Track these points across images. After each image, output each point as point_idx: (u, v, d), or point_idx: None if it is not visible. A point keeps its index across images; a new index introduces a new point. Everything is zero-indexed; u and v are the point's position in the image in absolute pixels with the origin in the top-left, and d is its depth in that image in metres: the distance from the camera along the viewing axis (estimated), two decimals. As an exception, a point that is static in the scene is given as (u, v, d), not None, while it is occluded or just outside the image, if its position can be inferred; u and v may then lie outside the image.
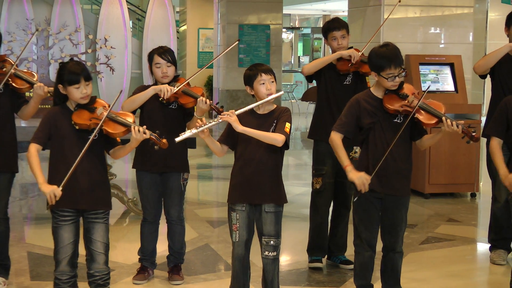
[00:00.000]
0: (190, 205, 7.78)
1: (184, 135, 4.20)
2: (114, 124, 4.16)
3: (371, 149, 4.38)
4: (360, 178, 4.29)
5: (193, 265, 5.65)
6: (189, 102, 4.98)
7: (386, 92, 4.38)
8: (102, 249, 4.26)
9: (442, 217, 7.41)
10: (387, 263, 4.54)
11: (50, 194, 3.98)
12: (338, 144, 4.41)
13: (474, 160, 8.29)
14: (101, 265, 4.27)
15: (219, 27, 14.12)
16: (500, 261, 5.77)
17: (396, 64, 4.28)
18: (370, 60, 4.41)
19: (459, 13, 9.00)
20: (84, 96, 4.14)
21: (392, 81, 4.30)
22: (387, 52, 4.33)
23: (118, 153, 4.29)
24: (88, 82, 4.15)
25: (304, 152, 12.29)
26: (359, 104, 4.40)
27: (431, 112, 4.33)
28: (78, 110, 4.16)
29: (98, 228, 4.25)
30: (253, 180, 4.25)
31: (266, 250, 4.31)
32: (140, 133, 4.14)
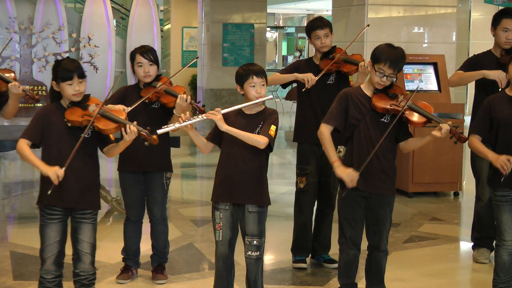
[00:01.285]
0: (174, 204, 7.77)
1: (167, 127, 4.22)
2: (105, 121, 4.15)
3: (356, 148, 4.39)
4: (348, 174, 4.29)
5: (177, 264, 5.64)
6: (171, 101, 4.97)
7: (375, 92, 4.39)
8: (89, 249, 4.25)
9: (425, 216, 7.44)
10: (371, 261, 4.55)
11: (53, 176, 3.96)
12: (326, 138, 4.41)
13: (458, 160, 8.33)
14: (87, 265, 4.26)
15: (203, 26, 14.10)
16: (482, 259, 5.80)
17: (390, 64, 4.29)
18: (374, 51, 4.43)
19: (442, 13, 9.05)
20: (77, 93, 4.13)
21: (379, 77, 4.32)
22: (392, 51, 4.35)
23: (111, 151, 4.29)
24: (81, 80, 4.14)
25: (288, 151, 12.30)
26: (347, 96, 4.41)
27: (420, 112, 4.35)
28: (71, 108, 4.16)
29: (85, 228, 4.23)
30: (236, 179, 4.25)
31: (249, 250, 4.31)
32: (131, 130, 4.12)
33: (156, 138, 4.20)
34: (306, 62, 5.61)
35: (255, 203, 4.28)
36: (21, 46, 15.31)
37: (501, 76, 5.35)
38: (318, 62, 5.48)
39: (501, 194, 4.59)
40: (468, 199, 8.09)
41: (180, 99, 4.85)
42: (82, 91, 4.16)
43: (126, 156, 5.02)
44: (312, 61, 5.53)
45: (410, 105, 4.34)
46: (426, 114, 4.35)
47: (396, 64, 4.31)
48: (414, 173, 8.21)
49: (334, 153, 4.39)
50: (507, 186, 4.55)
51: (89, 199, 4.24)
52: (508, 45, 5.61)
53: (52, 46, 15.23)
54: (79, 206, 4.20)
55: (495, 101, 4.60)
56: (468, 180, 8.49)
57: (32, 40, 15.36)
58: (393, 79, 4.35)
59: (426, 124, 4.39)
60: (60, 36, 15.61)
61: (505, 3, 12.94)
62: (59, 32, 15.54)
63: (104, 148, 4.29)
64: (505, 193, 4.57)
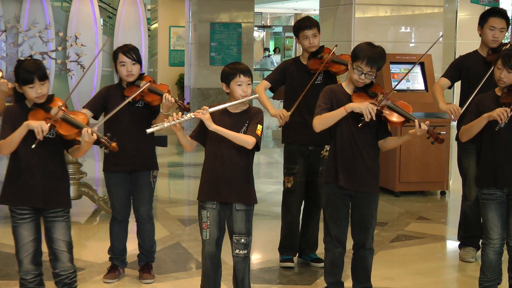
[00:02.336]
0: (161, 204, 7.75)
1: (156, 127, 4.22)
2: (66, 126, 4.10)
3: (339, 145, 4.39)
4: (366, 108, 4.23)
5: (164, 263, 5.63)
6: (155, 100, 4.95)
7: (356, 90, 4.40)
8: (65, 248, 4.22)
9: (412, 215, 7.46)
10: (357, 260, 4.56)
11: (38, 128, 3.94)
12: (324, 115, 4.35)
13: (444, 159, 8.36)
14: (66, 264, 4.23)
15: (190, 25, 14.07)
16: (469, 258, 5.83)
17: (368, 62, 4.30)
18: (354, 49, 4.44)
19: (429, 13, 9.07)
20: (39, 96, 4.09)
21: (357, 75, 4.33)
22: (371, 49, 4.36)
23: (75, 152, 4.26)
24: (43, 82, 4.08)
25: (276, 151, 12.31)
26: (331, 92, 4.43)
27: (399, 111, 4.36)
28: (35, 110, 4.11)
29: (59, 226, 4.20)
30: (223, 178, 4.25)
31: (237, 248, 4.31)
32: (89, 135, 4.08)
33: (115, 146, 4.17)
34: (293, 62, 5.60)
35: (242, 201, 4.28)
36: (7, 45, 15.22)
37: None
38: (305, 62, 5.48)
39: (488, 193, 4.61)
40: (454, 198, 8.12)
41: (165, 99, 4.84)
42: (45, 93, 4.10)
43: (111, 156, 5.00)
44: (299, 61, 5.53)
45: (389, 105, 4.36)
46: (404, 114, 4.36)
47: (373, 62, 4.32)
48: (401, 172, 8.23)
49: (339, 109, 4.32)
50: (493, 185, 4.58)
51: (59, 198, 4.20)
52: (495, 44, 5.64)
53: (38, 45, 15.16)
54: (48, 206, 4.17)
55: (484, 101, 4.62)
56: (454, 179, 8.52)
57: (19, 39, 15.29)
58: (372, 77, 4.36)
59: (404, 124, 4.40)
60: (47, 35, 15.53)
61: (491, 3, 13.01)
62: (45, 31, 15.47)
63: (69, 149, 4.26)
64: (491, 191, 4.60)
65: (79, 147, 4.21)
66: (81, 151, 4.23)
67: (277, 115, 5.34)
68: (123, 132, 4.92)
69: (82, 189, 7.09)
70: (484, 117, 4.46)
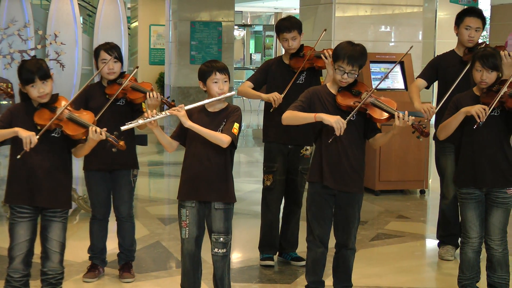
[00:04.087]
0: (141, 203, 7.73)
1: (130, 124, 4.21)
2: (73, 126, 4.10)
3: (324, 145, 4.40)
4: (337, 121, 4.22)
5: (144, 262, 5.61)
6: (138, 98, 4.94)
7: (339, 90, 4.41)
8: (58, 248, 4.22)
9: (392, 213, 7.49)
10: (339, 259, 4.57)
11: (26, 139, 3.94)
12: (293, 113, 4.36)
13: (424, 158, 8.41)
14: (55, 264, 4.24)
15: (170, 23, 14.04)
16: (448, 256, 5.86)
17: (348, 60, 4.31)
18: (335, 48, 4.44)
19: (408, 12, 9.11)
20: (42, 95, 4.09)
21: (340, 75, 4.34)
22: (351, 47, 4.37)
23: (79, 152, 4.26)
24: (45, 81, 4.09)
25: (256, 150, 12.31)
26: (314, 94, 4.42)
27: (383, 108, 4.38)
28: (40, 110, 4.12)
29: (55, 226, 4.20)
30: (201, 177, 4.25)
31: (216, 247, 4.31)
32: (97, 133, 4.09)
33: (123, 145, 4.17)
34: (276, 62, 5.59)
35: (221, 200, 4.28)
36: (-15, 43, 15.11)
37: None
38: (288, 62, 5.48)
39: (466, 192, 4.64)
40: (434, 197, 8.17)
41: (149, 98, 4.81)
42: (47, 92, 4.12)
43: (91, 155, 4.95)
44: (281, 61, 5.52)
45: (372, 102, 4.37)
46: (388, 110, 4.37)
47: (354, 60, 4.32)
48: (381, 171, 8.27)
49: (308, 113, 4.32)
50: (472, 185, 4.61)
51: (60, 198, 4.20)
52: (471, 43, 5.67)
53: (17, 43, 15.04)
54: (50, 206, 4.16)
55: (462, 100, 4.65)
56: (434, 178, 8.57)
57: (-3, 37, 15.17)
58: (355, 75, 4.37)
59: (390, 120, 4.42)
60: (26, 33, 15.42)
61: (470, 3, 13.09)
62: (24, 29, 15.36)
63: (72, 148, 4.25)
64: (470, 190, 4.63)
65: (83, 145, 4.20)
66: (84, 150, 4.23)
67: (270, 98, 5.31)
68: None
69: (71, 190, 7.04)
70: (462, 112, 4.48)
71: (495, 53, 4.58)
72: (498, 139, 4.56)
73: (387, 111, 4.36)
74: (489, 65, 4.51)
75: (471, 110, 4.42)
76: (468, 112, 4.44)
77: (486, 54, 4.55)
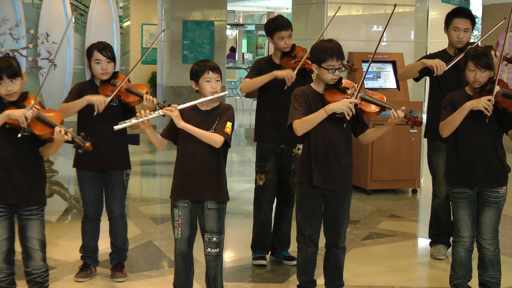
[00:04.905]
0: (133, 202, 7.72)
1: (124, 124, 4.20)
2: (41, 125, 4.07)
3: (313, 145, 4.40)
4: (346, 104, 4.23)
5: (136, 262, 5.61)
6: (134, 101, 4.91)
7: (326, 88, 4.41)
8: (38, 246, 4.19)
9: (384, 213, 7.51)
10: (330, 258, 4.57)
11: (21, 117, 3.93)
12: (303, 119, 4.32)
13: (415, 157, 8.43)
14: (38, 262, 4.21)
15: (162, 23, 14.02)
16: (440, 256, 5.88)
17: (337, 56, 4.33)
18: (312, 53, 4.46)
19: (400, 12, 9.13)
20: (10, 94, 4.06)
21: (332, 74, 4.34)
22: (330, 45, 4.39)
23: (46, 151, 4.23)
24: (14, 79, 4.05)
25: (248, 149, 12.31)
26: (303, 94, 4.42)
27: (373, 101, 4.38)
28: (8, 108, 4.08)
29: (33, 225, 4.18)
30: (194, 176, 4.25)
31: (209, 247, 4.31)
32: (62, 134, 4.04)
33: (89, 146, 4.13)
34: (266, 61, 5.59)
35: (214, 199, 4.28)
36: (-23, 42, 15.07)
37: (438, 63, 5.43)
38: (278, 61, 5.48)
39: (458, 191, 4.65)
40: (425, 196, 8.19)
41: (146, 100, 4.78)
42: (15, 91, 4.07)
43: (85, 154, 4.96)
44: (272, 61, 5.52)
45: (362, 96, 4.38)
46: (379, 103, 4.38)
47: (340, 53, 4.36)
48: (373, 170, 8.29)
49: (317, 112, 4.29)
50: (464, 184, 4.62)
51: (34, 196, 4.18)
52: (460, 44, 5.69)
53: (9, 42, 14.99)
54: (24, 203, 4.14)
55: (456, 99, 4.66)
56: (426, 177, 8.59)
57: (-11, 36, 15.14)
58: (342, 68, 4.39)
59: (380, 113, 4.42)
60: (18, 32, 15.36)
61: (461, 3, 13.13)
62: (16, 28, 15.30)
63: (40, 147, 4.23)
64: (462, 190, 4.64)
65: (50, 145, 4.18)
66: (51, 150, 4.20)
67: (285, 76, 5.24)
68: (97, 131, 4.88)
69: (54, 188, 7.04)
70: (467, 107, 4.44)
71: (487, 52, 4.59)
72: (490, 139, 4.57)
73: (379, 104, 4.37)
74: (482, 64, 4.53)
75: (478, 104, 4.40)
76: (475, 107, 4.43)
77: (478, 54, 4.56)
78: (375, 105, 4.38)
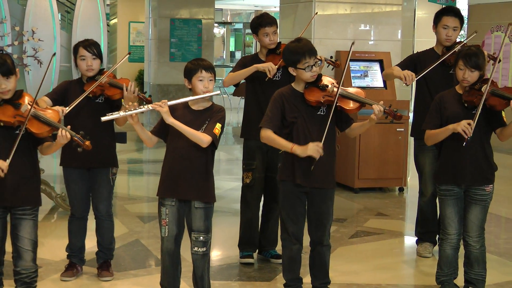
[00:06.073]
0: (120, 201, 7.70)
1: (111, 115, 4.18)
2: (38, 124, 4.05)
3: (296, 143, 4.39)
4: (312, 149, 4.25)
5: (123, 261, 5.59)
6: (115, 94, 4.91)
7: (306, 86, 4.42)
8: (30, 246, 4.17)
9: (371, 211, 7.52)
10: (315, 256, 4.57)
11: None
12: (272, 136, 4.38)
13: (402, 155, 8.45)
14: (28, 263, 4.18)
15: (150, 21, 13.99)
16: (426, 253, 5.90)
17: (310, 54, 4.33)
18: (285, 57, 4.47)
19: (388, 11, 9.15)
20: (4, 91, 4.04)
21: (309, 72, 4.35)
22: (299, 44, 4.40)
23: (46, 150, 4.21)
24: (7, 77, 4.03)
25: (236, 147, 12.30)
26: (282, 98, 4.43)
27: (352, 98, 4.40)
28: (3, 106, 4.06)
29: (26, 224, 4.15)
30: (181, 175, 4.24)
31: (196, 246, 4.30)
32: (65, 136, 4.04)
33: (89, 144, 4.12)
34: (252, 58, 5.59)
35: (200, 199, 4.27)
36: (-38, 39, 14.96)
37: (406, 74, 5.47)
38: (264, 59, 5.48)
39: (446, 189, 4.68)
40: (412, 194, 8.21)
41: (127, 91, 4.79)
42: (9, 89, 4.05)
43: (70, 151, 4.93)
44: (258, 58, 5.53)
45: (341, 93, 4.39)
46: (358, 99, 4.40)
47: (311, 50, 4.36)
48: (360, 169, 8.29)
49: (286, 142, 4.35)
50: (452, 182, 4.64)
51: (28, 196, 4.16)
52: (449, 42, 5.71)
53: (-6, 39, 14.92)
54: (17, 203, 4.11)
55: (445, 98, 4.68)
56: (412, 175, 8.62)
57: (-27, 33, 15.03)
58: (319, 63, 4.42)
59: (360, 109, 4.43)
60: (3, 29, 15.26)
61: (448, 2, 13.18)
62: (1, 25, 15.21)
63: (39, 146, 4.21)
64: (449, 187, 4.66)
65: (51, 144, 4.15)
66: (51, 149, 4.18)
67: (266, 68, 5.26)
68: (83, 128, 4.86)
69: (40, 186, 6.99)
70: (449, 129, 4.54)
71: (479, 53, 4.62)
72: (479, 138, 4.60)
73: (358, 100, 4.39)
74: (471, 64, 4.55)
75: (457, 128, 4.47)
76: (455, 129, 4.48)
77: (469, 54, 4.59)
78: (354, 102, 4.39)
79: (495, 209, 7.14)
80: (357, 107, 4.40)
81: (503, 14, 11.89)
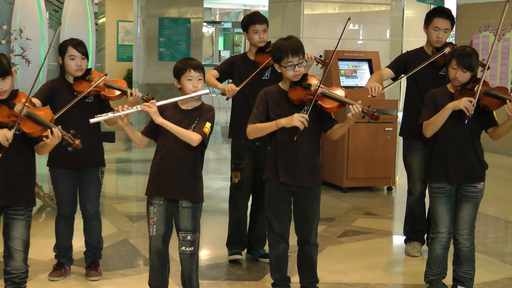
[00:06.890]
0: (108, 200, 7.67)
1: (100, 117, 4.17)
2: (30, 123, 4.03)
3: (279, 142, 4.40)
4: (297, 119, 4.22)
5: (111, 260, 5.57)
6: (114, 95, 4.89)
7: (291, 85, 4.42)
8: (21, 247, 4.15)
9: (359, 210, 7.53)
10: (303, 256, 4.57)
11: (2, 138, 3.86)
12: (255, 125, 4.38)
13: (391, 155, 8.46)
14: (19, 263, 4.17)
15: (139, 20, 13.95)
16: (414, 253, 5.91)
17: (293, 53, 4.34)
18: (272, 53, 4.48)
19: (376, 10, 9.16)
20: (0, 92, 4.02)
21: (292, 70, 4.35)
22: (286, 43, 4.40)
23: (41, 150, 4.19)
24: (3, 78, 4.01)
25: (224, 147, 12.30)
26: (267, 95, 4.45)
27: (332, 97, 4.40)
28: None
29: (18, 224, 4.14)
30: (169, 174, 4.23)
31: (183, 245, 4.29)
32: (57, 135, 4.02)
33: (79, 143, 4.10)
34: (241, 57, 5.59)
35: (188, 199, 4.26)
36: (-52, 38, 14.87)
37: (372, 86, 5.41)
38: (253, 57, 5.48)
39: (437, 186, 4.69)
40: (401, 193, 8.23)
41: (130, 95, 4.77)
42: (6, 89, 4.04)
43: (57, 151, 4.89)
44: (247, 57, 5.52)
45: (322, 92, 4.39)
46: (337, 98, 4.40)
47: (297, 50, 4.35)
48: (349, 168, 8.30)
49: (270, 123, 4.34)
50: (444, 179, 4.66)
51: (23, 196, 4.14)
52: (439, 44, 5.72)
53: (-18, 38, 14.84)
54: (12, 204, 4.09)
55: (438, 96, 4.70)
56: (401, 175, 8.63)
57: (-40, 32, 14.94)
58: (304, 63, 4.41)
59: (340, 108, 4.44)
60: (-10, 28, 15.22)
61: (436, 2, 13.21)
62: (-11, 24, 15.16)
63: (34, 146, 4.18)
64: (441, 185, 4.68)
65: (44, 144, 4.13)
66: (46, 149, 4.17)
67: (225, 89, 5.28)
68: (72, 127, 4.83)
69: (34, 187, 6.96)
70: (449, 108, 4.52)
71: (473, 54, 4.63)
72: (470, 136, 4.62)
73: (337, 99, 4.39)
74: (464, 64, 4.57)
75: (459, 104, 4.47)
76: (456, 107, 4.48)
77: (463, 54, 4.61)
78: (334, 101, 4.40)
79: (483, 209, 7.15)
80: (337, 105, 4.40)
81: (491, 14, 11.94)
